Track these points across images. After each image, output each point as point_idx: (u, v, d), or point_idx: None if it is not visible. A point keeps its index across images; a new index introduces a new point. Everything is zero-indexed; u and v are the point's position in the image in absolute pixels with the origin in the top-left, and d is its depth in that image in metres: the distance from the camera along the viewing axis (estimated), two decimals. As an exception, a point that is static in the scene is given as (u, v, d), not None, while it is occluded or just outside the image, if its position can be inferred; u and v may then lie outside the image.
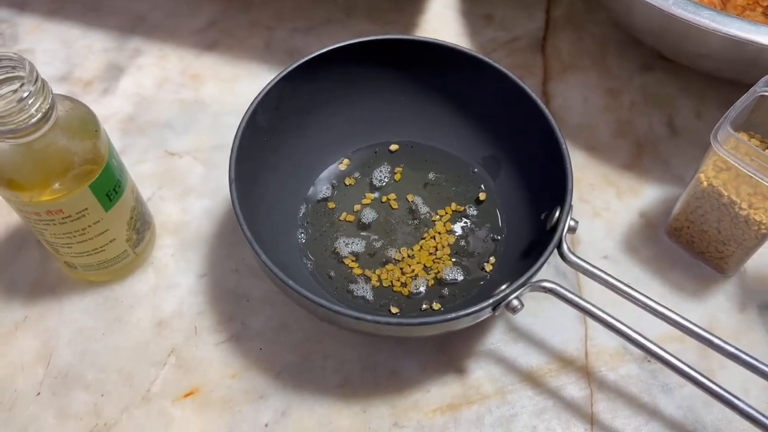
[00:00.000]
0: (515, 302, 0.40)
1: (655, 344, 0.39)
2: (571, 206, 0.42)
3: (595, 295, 0.48)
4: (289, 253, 0.48)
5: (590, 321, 0.48)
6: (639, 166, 0.55)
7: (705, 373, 0.39)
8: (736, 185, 0.44)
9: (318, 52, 0.47)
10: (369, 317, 0.38)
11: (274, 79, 0.46)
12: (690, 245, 0.50)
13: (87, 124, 0.42)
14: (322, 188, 0.51)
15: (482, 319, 0.41)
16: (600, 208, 0.53)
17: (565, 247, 0.42)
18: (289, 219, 0.50)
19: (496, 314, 0.40)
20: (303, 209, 0.51)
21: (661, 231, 0.52)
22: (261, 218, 0.45)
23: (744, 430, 0.44)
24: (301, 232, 0.50)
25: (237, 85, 0.60)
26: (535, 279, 0.41)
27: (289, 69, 0.47)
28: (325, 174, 0.52)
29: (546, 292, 0.41)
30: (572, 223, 0.42)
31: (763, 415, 0.37)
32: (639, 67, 0.60)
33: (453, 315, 0.38)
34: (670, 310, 0.40)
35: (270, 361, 0.47)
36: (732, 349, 0.39)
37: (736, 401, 0.37)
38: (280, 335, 0.48)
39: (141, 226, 0.48)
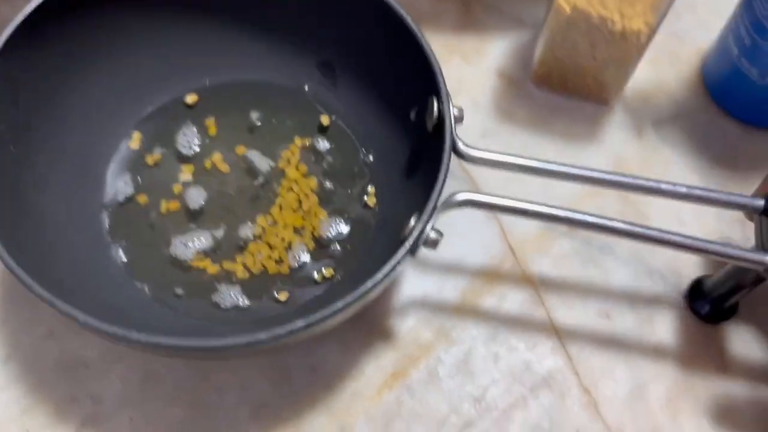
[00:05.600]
0: (433, 234, 0.30)
1: (581, 213, 0.32)
2: (447, 92, 0.33)
3: (491, 184, 0.41)
4: (110, 284, 0.35)
5: (501, 214, 0.41)
6: (473, 23, 0.47)
7: (636, 217, 0.33)
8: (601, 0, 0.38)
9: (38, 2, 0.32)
10: (263, 336, 0.27)
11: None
12: (563, 86, 0.44)
13: None
14: (119, 183, 0.38)
15: (401, 270, 0.32)
16: (454, 83, 0.45)
17: (459, 143, 0.33)
18: (92, 239, 0.36)
19: (415, 256, 0.31)
20: (106, 219, 0.37)
21: (528, 83, 0.45)
22: (46, 253, 0.32)
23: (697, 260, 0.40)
24: (117, 250, 0.36)
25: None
26: (443, 196, 0.31)
27: (5, 38, 0.32)
28: (115, 162, 0.38)
29: (461, 206, 0.31)
30: (456, 112, 0.33)
31: (709, 242, 0.32)
32: None
33: (370, 284, 0.28)
34: (583, 167, 0.33)
35: (150, 428, 0.34)
36: (650, 184, 0.33)
37: (676, 238, 0.31)
38: (150, 390, 0.35)
39: None
